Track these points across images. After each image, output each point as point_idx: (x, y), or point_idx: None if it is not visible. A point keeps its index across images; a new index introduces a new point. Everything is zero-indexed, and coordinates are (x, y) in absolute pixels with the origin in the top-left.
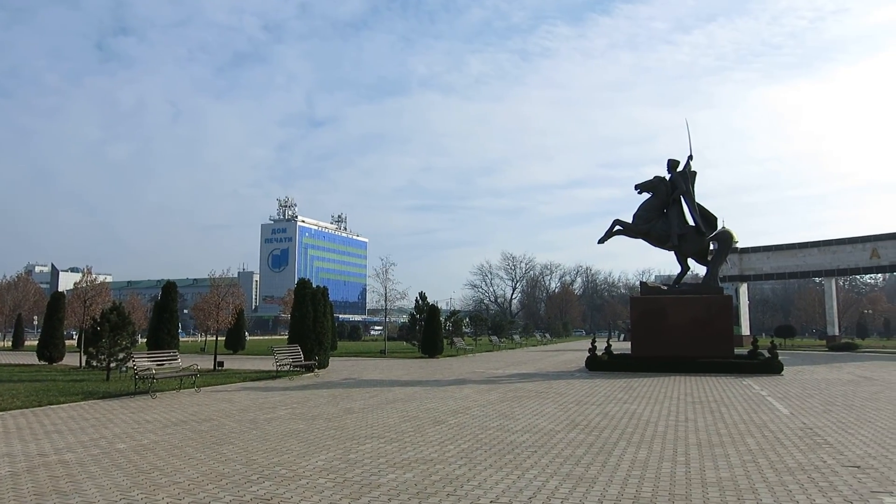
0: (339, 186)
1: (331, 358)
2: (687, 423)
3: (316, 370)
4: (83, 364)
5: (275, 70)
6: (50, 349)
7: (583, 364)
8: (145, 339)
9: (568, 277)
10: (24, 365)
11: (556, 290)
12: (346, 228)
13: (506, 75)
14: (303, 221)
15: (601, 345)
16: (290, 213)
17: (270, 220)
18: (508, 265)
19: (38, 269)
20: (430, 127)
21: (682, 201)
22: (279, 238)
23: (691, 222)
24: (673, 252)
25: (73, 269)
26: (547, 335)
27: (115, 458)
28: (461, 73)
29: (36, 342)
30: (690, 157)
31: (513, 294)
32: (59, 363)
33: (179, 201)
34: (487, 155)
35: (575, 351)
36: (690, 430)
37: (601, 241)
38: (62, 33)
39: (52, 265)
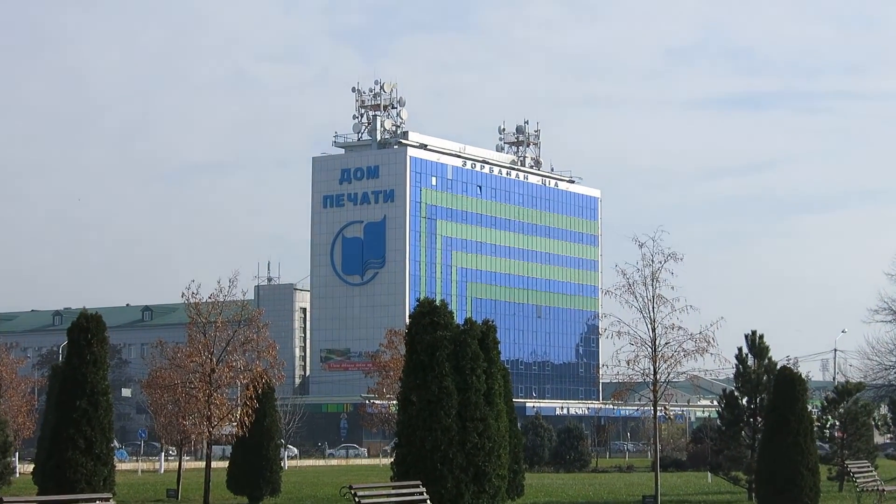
0: (511, 48)
1: None
2: None
3: None
4: None
5: None
6: None
7: None
8: (32, 464)
9: None
10: None
11: None
12: (536, 163)
13: None
14: (421, 147)
15: None
16: (387, 125)
17: (336, 142)
18: None
19: None
20: None
21: None
22: (358, 194)
23: None
24: None
25: None
26: None
27: None
28: None
29: None
30: None
31: None
32: None
33: (100, 105)
34: None
35: None
36: None
37: None
38: None
39: None
